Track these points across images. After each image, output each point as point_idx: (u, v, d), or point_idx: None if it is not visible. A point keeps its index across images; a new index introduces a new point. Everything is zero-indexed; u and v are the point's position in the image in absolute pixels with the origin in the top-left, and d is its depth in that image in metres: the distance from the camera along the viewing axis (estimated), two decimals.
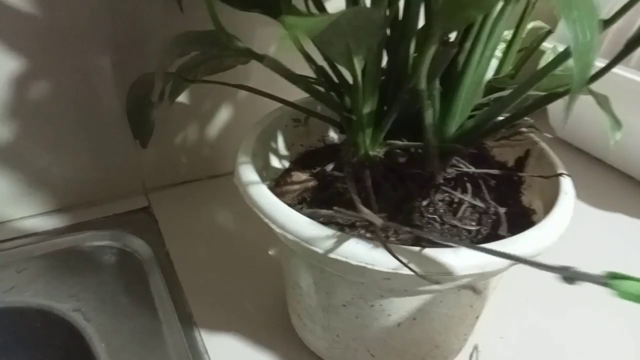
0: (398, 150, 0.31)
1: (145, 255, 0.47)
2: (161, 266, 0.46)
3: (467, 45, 0.28)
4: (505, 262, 0.25)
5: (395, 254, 0.24)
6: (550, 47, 0.45)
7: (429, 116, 0.25)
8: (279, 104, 0.36)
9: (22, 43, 0.41)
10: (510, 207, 0.33)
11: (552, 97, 0.26)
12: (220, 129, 0.54)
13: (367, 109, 0.28)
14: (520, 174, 0.34)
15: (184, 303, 0.41)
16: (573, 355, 0.38)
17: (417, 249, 0.25)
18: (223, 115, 0.53)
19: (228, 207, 0.52)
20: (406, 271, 0.25)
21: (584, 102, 0.27)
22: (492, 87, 0.33)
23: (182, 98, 0.51)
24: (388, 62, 0.30)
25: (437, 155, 0.29)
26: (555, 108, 0.61)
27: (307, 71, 0.32)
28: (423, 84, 0.23)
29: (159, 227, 0.49)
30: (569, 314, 0.42)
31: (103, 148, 0.49)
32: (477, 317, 0.33)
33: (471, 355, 0.37)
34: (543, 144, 0.34)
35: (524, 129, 0.35)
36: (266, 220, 0.28)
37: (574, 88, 0.20)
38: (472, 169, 0.32)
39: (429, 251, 0.25)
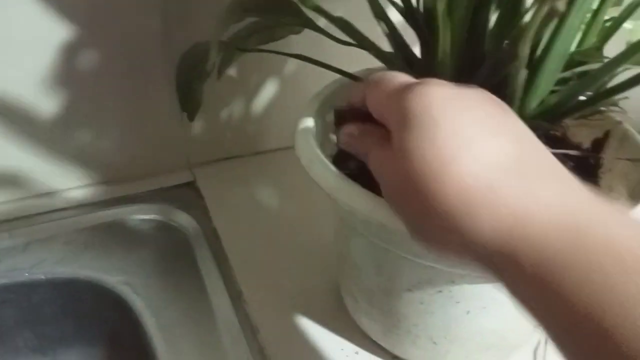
0: None
1: (191, 230, 0.46)
2: (208, 242, 0.45)
3: None
4: None
5: None
6: (630, 27, 0.41)
7: (519, 87, 0.23)
8: (325, 81, 0.34)
9: (69, 11, 0.40)
10: None
11: None
12: (266, 105, 0.52)
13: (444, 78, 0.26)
14: (600, 156, 0.32)
15: (233, 280, 0.41)
16: None
17: None
18: (269, 91, 0.51)
19: (274, 183, 0.51)
20: None
21: None
22: (574, 60, 0.30)
23: (229, 72, 0.49)
24: (467, 31, 0.27)
25: None
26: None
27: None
28: (526, 51, 0.21)
29: (205, 202, 0.48)
30: None
31: (149, 121, 0.48)
32: None
33: (536, 349, 0.35)
34: (627, 125, 0.31)
35: (604, 108, 0.32)
36: (333, 196, 0.26)
37: None
38: (549, 149, 0.30)
39: None
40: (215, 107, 0.50)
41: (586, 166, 0.32)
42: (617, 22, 0.30)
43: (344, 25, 0.28)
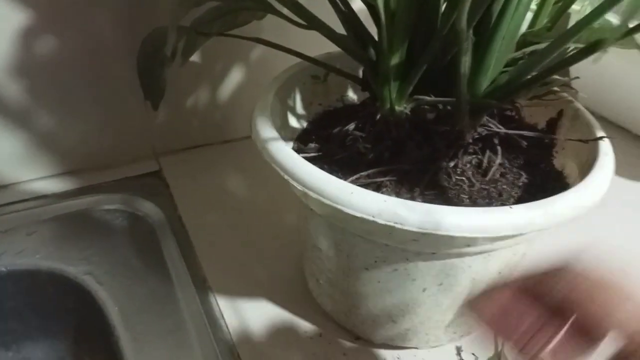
0: (426, 107, 0.29)
1: (156, 219, 0.46)
2: (173, 230, 0.45)
3: None
4: (545, 222, 0.23)
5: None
6: (578, 8, 0.43)
7: (465, 63, 0.23)
8: (292, 64, 0.34)
9: None
10: (542, 170, 0.31)
11: (595, 46, 0.24)
12: (232, 93, 0.52)
13: (395, 60, 0.26)
14: (554, 136, 0.33)
15: (198, 267, 0.40)
16: None
17: (448, 207, 0.24)
18: (235, 78, 0.51)
19: (240, 172, 0.51)
20: (434, 232, 0.23)
21: (610, 68, 0.25)
22: (525, 40, 0.30)
23: (193, 59, 0.49)
24: (418, 10, 0.28)
25: (468, 112, 0.27)
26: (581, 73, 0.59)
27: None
28: (463, 22, 0.21)
29: (170, 191, 0.48)
30: None
31: (113, 110, 0.48)
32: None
33: None
34: (578, 104, 0.32)
35: (557, 88, 0.33)
36: (286, 177, 0.26)
37: (624, 18, 0.18)
38: (503, 129, 0.30)
39: (461, 210, 0.24)
40: (180, 95, 0.50)
41: (542, 146, 0.33)
42: (567, 4, 0.30)
43: (297, 8, 0.28)
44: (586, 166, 0.29)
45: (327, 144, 0.32)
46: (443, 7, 0.27)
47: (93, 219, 0.47)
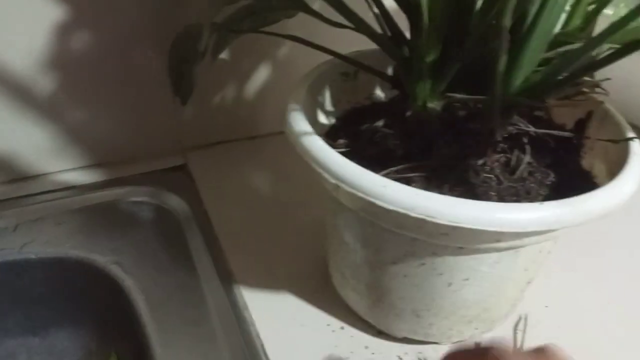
0: (457, 104, 0.29)
1: (182, 212, 0.47)
2: (199, 224, 0.45)
3: None
4: (575, 219, 0.24)
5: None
6: (611, 13, 0.42)
7: (502, 62, 0.24)
8: (323, 61, 0.35)
9: None
10: (570, 170, 0.31)
11: (631, 47, 0.24)
12: (259, 90, 0.53)
13: (430, 57, 0.26)
14: (583, 136, 0.33)
15: (224, 260, 0.41)
16: (616, 326, 0.37)
17: (479, 202, 0.24)
18: (262, 75, 0.52)
19: (266, 167, 0.51)
20: (467, 225, 0.24)
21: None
22: (558, 41, 0.31)
23: (222, 55, 0.50)
24: (454, 9, 0.28)
25: (499, 109, 0.28)
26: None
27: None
28: (507, 20, 0.22)
29: (196, 185, 0.49)
30: (616, 285, 0.40)
31: (141, 105, 0.49)
32: (528, 282, 0.32)
33: (516, 324, 0.36)
34: (608, 105, 0.32)
35: (586, 89, 0.33)
36: (319, 169, 0.27)
37: None
38: (532, 129, 0.31)
39: (492, 204, 0.24)
40: (208, 91, 0.51)
41: (570, 146, 0.33)
42: (600, 5, 0.31)
43: (339, 5, 0.29)
44: (615, 166, 0.29)
45: (356, 140, 0.33)
46: (478, 5, 0.27)
47: (120, 211, 0.48)
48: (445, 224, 0.24)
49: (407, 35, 0.31)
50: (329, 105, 0.37)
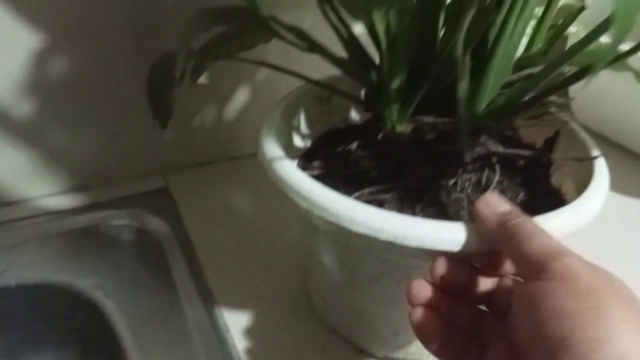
0: (426, 127, 0.30)
1: (164, 234, 0.47)
2: (180, 245, 0.46)
3: (499, 19, 0.28)
4: None
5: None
6: (574, 31, 0.44)
7: (463, 88, 0.25)
8: (298, 86, 0.35)
9: (42, 18, 0.41)
10: (540, 188, 0.32)
11: (588, 70, 0.25)
12: (238, 111, 0.53)
13: (396, 83, 0.27)
14: (551, 155, 0.34)
15: (204, 281, 0.41)
16: None
17: (447, 223, 0.25)
18: (241, 97, 0.53)
19: (246, 189, 0.52)
20: (433, 247, 0.24)
21: (607, 87, 0.26)
22: (521, 64, 0.32)
23: (201, 79, 0.50)
24: (418, 35, 0.29)
25: (467, 132, 0.28)
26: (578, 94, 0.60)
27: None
28: (460, 51, 0.22)
29: (177, 207, 0.49)
30: None
31: (121, 128, 0.49)
32: None
33: None
34: (574, 124, 0.34)
35: (553, 109, 0.34)
36: (291, 195, 0.27)
37: (612, 44, 0.19)
38: (501, 149, 0.31)
39: (458, 225, 0.25)
40: (188, 113, 0.51)
41: (539, 165, 0.34)
42: (561, 28, 0.32)
43: (299, 33, 0.30)
44: (582, 184, 0.30)
45: (331, 162, 0.33)
46: (442, 31, 0.28)
47: (102, 234, 0.48)
48: (414, 245, 0.24)
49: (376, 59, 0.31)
50: (304, 128, 0.37)
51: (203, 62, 0.39)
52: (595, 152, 0.31)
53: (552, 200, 0.32)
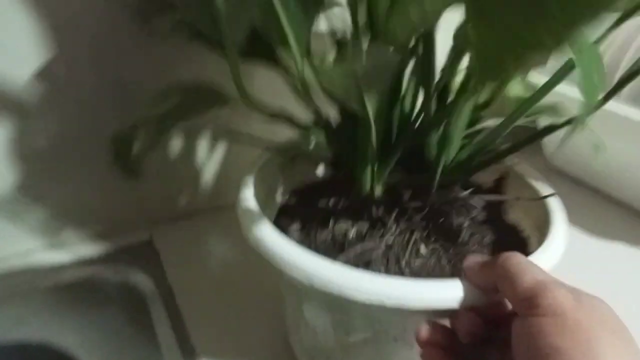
0: (400, 186, 0.28)
1: (147, 288, 0.43)
2: (163, 299, 0.41)
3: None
4: None
5: None
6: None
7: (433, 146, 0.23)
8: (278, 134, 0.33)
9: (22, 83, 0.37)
10: (499, 226, 0.31)
11: (551, 129, 0.25)
12: (219, 162, 0.49)
13: (370, 149, 0.25)
14: (510, 197, 0.33)
15: (186, 335, 0.37)
16: None
17: (424, 281, 0.23)
18: (222, 148, 0.49)
19: (230, 238, 0.47)
20: (441, 305, 0.22)
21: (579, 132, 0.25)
22: (473, 119, 0.31)
23: (180, 133, 0.46)
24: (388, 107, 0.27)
25: (437, 189, 0.27)
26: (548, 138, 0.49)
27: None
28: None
29: (161, 260, 0.45)
30: None
31: (104, 184, 0.44)
32: None
33: None
34: (517, 168, 0.33)
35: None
36: (274, 264, 0.25)
37: (580, 119, 0.19)
38: (466, 193, 0.30)
39: (438, 283, 0.23)
40: (170, 167, 0.47)
41: (493, 204, 0.33)
42: (501, 85, 0.31)
43: (256, 103, 0.27)
44: (539, 221, 0.29)
45: (309, 222, 0.31)
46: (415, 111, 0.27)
47: (85, 291, 0.43)
48: (419, 308, 0.22)
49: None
50: (281, 184, 0.35)
51: (160, 132, 0.35)
52: (545, 190, 0.31)
53: (512, 238, 0.31)
